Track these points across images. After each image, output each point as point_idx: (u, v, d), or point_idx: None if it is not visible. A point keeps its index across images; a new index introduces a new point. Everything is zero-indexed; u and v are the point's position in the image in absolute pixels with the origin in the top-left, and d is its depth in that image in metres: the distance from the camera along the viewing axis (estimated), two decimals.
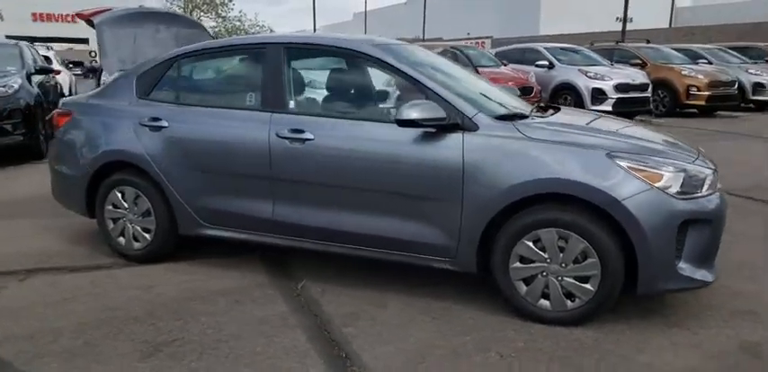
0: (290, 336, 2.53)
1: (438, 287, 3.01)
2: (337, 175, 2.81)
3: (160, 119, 3.17)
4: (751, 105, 12.31)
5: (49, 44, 15.53)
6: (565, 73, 10.42)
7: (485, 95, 2.95)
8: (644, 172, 2.43)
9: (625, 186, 2.40)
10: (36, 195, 5.03)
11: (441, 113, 2.56)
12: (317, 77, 3.14)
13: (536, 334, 2.53)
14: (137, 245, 3.37)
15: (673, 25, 38.54)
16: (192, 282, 3.13)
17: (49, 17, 37.50)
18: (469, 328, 2.59)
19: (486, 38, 32.42)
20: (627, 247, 2.44)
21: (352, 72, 3.15)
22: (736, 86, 11.34)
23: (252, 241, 3.15)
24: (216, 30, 26.92)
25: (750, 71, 12.09)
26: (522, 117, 2.76)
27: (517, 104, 3.11)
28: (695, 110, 11.40)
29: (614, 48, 12.82)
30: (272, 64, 2.98)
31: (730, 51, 13.41)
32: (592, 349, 2.41)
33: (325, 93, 3.11)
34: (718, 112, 11.78)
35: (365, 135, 2.77)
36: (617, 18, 47.85)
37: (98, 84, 3.84)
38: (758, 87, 11.90)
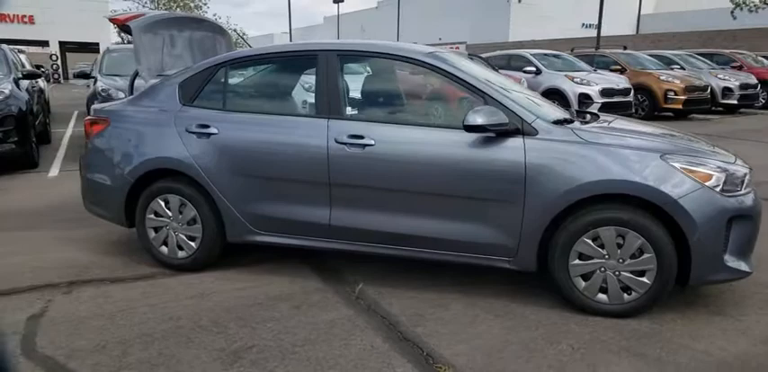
0: (365, 338, 2.59)
1: (492, 285, 3.11)
2: (398, 180, 2.89)
3: (209, 127, 3.18)
4: (720, 108, 12.91)
5: (18, 47, 15.02)
6: (552, 78, 10.69)
7: (531, 101, 3.08)
8: (695, 172, 2.59)
9: (680, 186, 2.56)
10: (43, 206, 4.95)
11: (504, 119, 2.68)
12: (370, 84, 3.21)
13: (597, 327, 2.66)
14: (181, 254, 3.36)
15: (633, 32, 39.95)
16: (245, 289, 3.15)
17: (2, 18, 35.62)
18: (534, 324, 2.70)
19: (461, 43, 32.94)
20: (679, 242, 2.60)
21: (418, 83, 3.24)
22: (709, 91, 11.89)
23: (306, 246, 3.19)
24: None
25: (719, 76, 12.68)
26: (571, 122, 2.90)
27: (558, 109, 3.26)
28: (671, 114, 11.90)
29: (594, 54, 13.27)
30: (326, 71, 3.05)
31: (699, 57, 14.05)
32: (652, 339, 2.55)
33: (381, 99, 3.18)
34: (693, 115, 12.32)
35: (425, 140, 2.86)
36: (583, 24, 49.51)
37: (131, 91, 3.82)
38: (727, 91, 12.50)
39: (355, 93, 3.19)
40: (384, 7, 54.54)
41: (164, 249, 3.39)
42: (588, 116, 3.31)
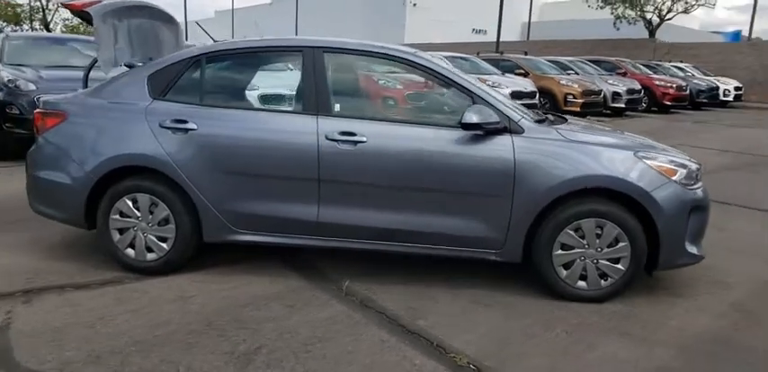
0: (370, 333, 2.61)
1: (473, 277, 3.24)
2: (389, 176, 2.92)
3: (186, 122, 3.00)
4: (608, 111, 14.25)
5: None
6: None
7: (510, 102, 3.25)
8: (662, 167, 2.90)
9: (652, 180, 2.85)
10: None
11: (495, 118, 2.82)
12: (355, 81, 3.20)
13: (581, 311, 2.89)
14: (150, 256, 3.15)
15: (521, 38, 42.66)
16: (227, 290, 3.02)
17: None
18: (523, 312, 2.87)
19: None
20: (648, 231, 2.90)
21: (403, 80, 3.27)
22: (602, 95, 13.08)
23: (291, 244, 3.13)
24: (72, 23, 24.27)
25: (609, 82, 13.99)
26: (552, 121, 3.11)
27: (529, 110, 3.46)
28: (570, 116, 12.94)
29: (499, 59, 14.03)
30: (312, 67, 3.00)
31: (589, 64, 15.38)
32: (631, 320, 2.82)
33: (368, 97, 3.18)
34: (588, 117, 13.48)
35: (417, 137, 2.92)
36: (473, 30, 52.01)
37: (86, 81, 3.48)
38: (616, 96, 13.81)
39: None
40: (278, 3, 53.57)
41: (130, 251, 3.16)
42: (553, 117, 3.56)
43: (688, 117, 14.91)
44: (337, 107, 3.01)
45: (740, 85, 18.17)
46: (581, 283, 2.97)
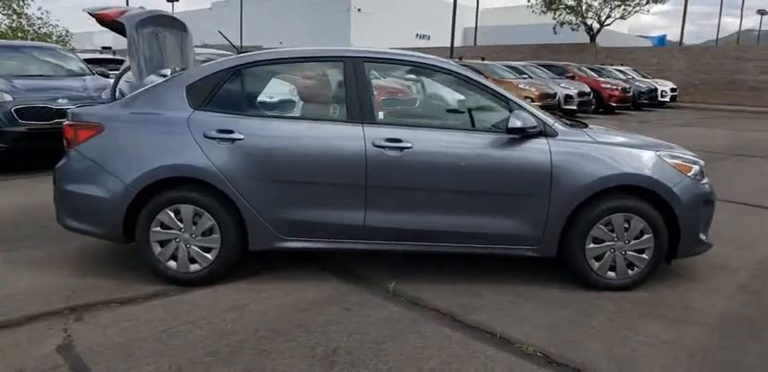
0: (433, 330, 2.73)
1: (507, 274, 3.43)
2: (434, 179, 3.06)
3: (232, 132, 3.03)
4: (561, 113, 14.94)
5: None
6: None
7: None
8: (679, 165, 3.19)
9: (672, 176, 3.13)
10: None
11: (534, 122, 3.02)
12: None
13: (614, 299, 3.12)
14: (193, 267, 3.15)
15: (464, 43, 43.78)
16: (278, 297, 3.07)
17: None
18: (563, 303, 3.07)
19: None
20: (668, 223, 3.18)
21: (442, 89, 3.41)
22: (557, 98, 13.71)
23: (337, 249, 3.21)
24: (13, 25, 22.99)
25: (561, 85, 14.68)
26: (584, 125, 3.35)
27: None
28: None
29: (460, 64, 14.35)
30: (355, 77, 3.10)
31: (541, 68, 16.07)
32: (659, 305, 3.08)
33: (408, 104, 3.31)
34: None
35: (459, 142, 3.08)
36: (417, 35, 52.90)
37: (114, 92, 3.41)
38: (568, 98, 14.51)
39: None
40: (218, 8, 52.65)
41: (172, 264, 3.14)
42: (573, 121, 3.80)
43: (632, 117, 15.86)
44: (380, 115, 3.13)
45: (675, 87, 19.48)
46: (611, 273, 3.21)
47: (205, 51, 9.89)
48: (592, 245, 3.16)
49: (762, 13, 42.31)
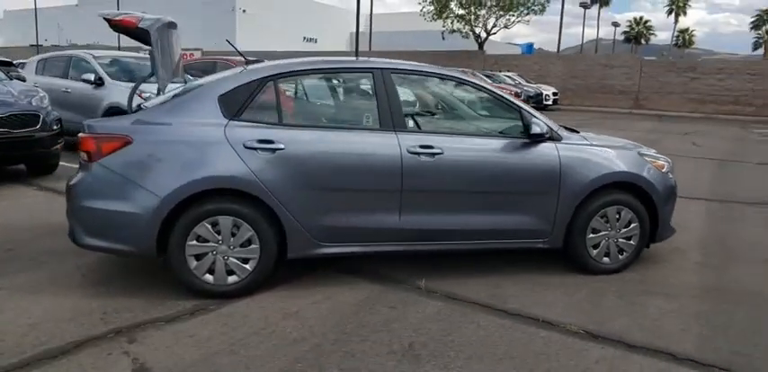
0: (485, 319, 2.98)
1: (511, 266, 3.77)
2: (463, 182, 3.32)
3: (273, 142, 3.05)
4: None
5: None
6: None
7: None
8: (655, 163, 3.75)
9: (653, 173, 3.67)
10: None
11: (546, 128, 3.39)
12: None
13: (611, 281, 3.58)
14: (231, 279, 3.12)
15: (350, 48, 44.39)
16: (322, 302, 3.14)
17: None
18: (575, 288, 3.47)
19: (195, 49, 31.66)
20: (650, 213, 3.71)
21: (459, 97, 3.64)
22: None
23: (373, 252, 3.34)
24: None
25: None
26: (576, 130, 3.78)
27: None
28: None
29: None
30: (384, 87, 3.26)
31: None
32: (649, 283, 3.58)
33: (433, 113, 3.51)
34: None
35: (484, 147, 3.37)
36: (304, 38, 52.68)
37: (131, 101, 3.22)
38: None
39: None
40: (87, 5, 48.56)
41: (208, 277, 3.08)
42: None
43: None
44: (410, 123, 3.32)
45: (557, 91, 21.50)
46: (605, 259, 3.68)
47: (110, 53, 9.22)
48: (591, 235, 3.61)
49: (615, 25, 47.99)
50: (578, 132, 3.79)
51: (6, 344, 2.58)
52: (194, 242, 3.03)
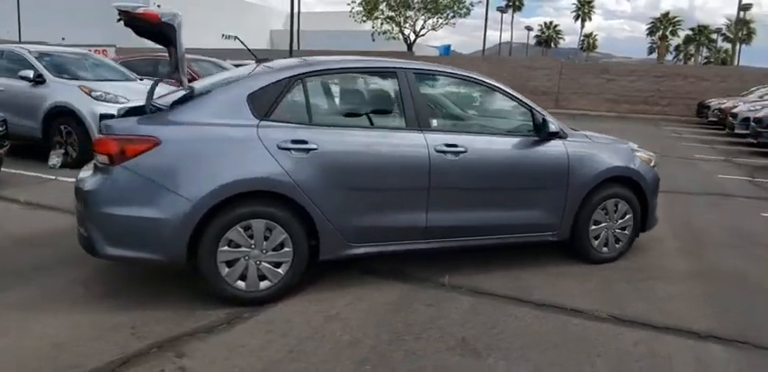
0: (519, 311, 3.10)
1: (521, 259, 3.91)
2: (485, 179, 3.43)
3: (306, 142, 2.98)
4: None
5: None
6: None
7: None
8: (644, 157, 4.04)
9: (644, 167, 3.96)
10: None
11: (558, 127, 3.57)
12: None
13: (612, 269, 3.83)
14: (263, 285, 3.02)
15: (270, 46, 43.45)
16: (356, 303, 3.13)
17: None
18: (583, 277, 3.66)
19: (108, 46, 29.76)
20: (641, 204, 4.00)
21: (475, 97, 3.71)
22: None
23: (401, 251, 3.35)
24: None
25: None
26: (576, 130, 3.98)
27: None
28: None
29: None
30: (409, 87, 3.28)
31: None
32: (646, 269, 3.86)
33: (454, 112, 3.56)
34: None
35: (503, 145, 3.49)
36: (223, 35, 50.91)
37: (151, 97, 3.00)
38: None
39: (437, 108, 3.51)
40: None
41: (240, 284, 2.97)
42: None
43: None
44: (434, 122, 3.37)
45: None
46: (604, 249, 3.93)
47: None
48: (593, 227, 3.83)
49: (529, 29, 50.53)
50: (577, 130, 4.01)
51: (42, 369, 2.36)
52: (226, 247, 2.91)
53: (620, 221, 3.92)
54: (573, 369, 2.51)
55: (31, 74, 7.03)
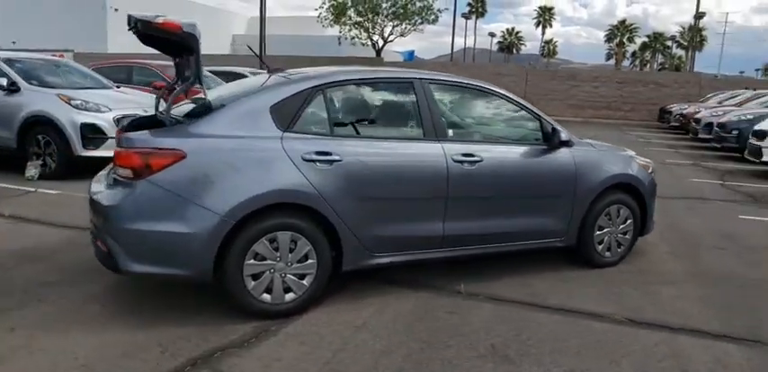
0: (541, 317, 3.17)
1: (527, 265, 4.00)
2: (500, 188, 3.52)
3: (330, 154, 2.99)
4: None
5: None
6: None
7: None
8: (642, 164, 4.21)
9: (643, 174, 4.12)
10: None
11: (568, 135, 3.68)
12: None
13: (614, 273, 3.96)
14: (288, 297, 3.01)
15: (231, 52, 42.82)
16: (379, 313, 3.15)
17: None
18: (588, 282, 3.77)
19: (66, 51, 28.83)
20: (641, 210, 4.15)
21: (486, 106, 3.77)
22: None
23: (419, 260, 3.39)
24: None
25: None
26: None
27: None
28: None
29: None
30: (425, 97, 3.33)
31: None
32: (646, 273, 4.01)
33: (468, 122, 3.63)
34: None
35: (516, 154, 3.59)
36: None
37: (170, 108, 2.93)
38: None
39: (451, 118, 3.57)
40: None
41: (266, 297, 2.95)
42: None
43: None
44: (450, 132, 3.43)
45: None
46: (607, 253, 4.06)
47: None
48: (597, 232, 3.96)
49: (492, 35, 51.51)
50: (581, 139, 4.16)
51: None
52: (252, 260, 2.89)
53: (621, 226, 4.07)
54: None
55: (3, 81, 6.75)
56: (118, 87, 8.00)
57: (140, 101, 7.44)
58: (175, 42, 2.95)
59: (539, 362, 2.66)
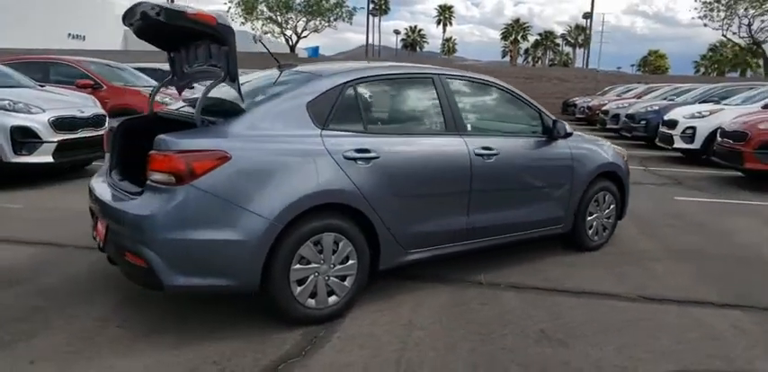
0: (567, 301, 3.33)
1: (533, 253, 4.17)
2: (514, 179, 3.66)
3: (369, 151, 2.92)
4: None
5: None
6: None
7: None
8: (620, 153, 4.53)
9: (621, 161, 4.44)
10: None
11: (570, 128, 3.88)
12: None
13: (604, 256, 4.25)
14: (332, 300, 2.93)
15: (125, 46, 40.15)
16: (419, 309, 3.15)
17: None
18: (589, 265, 4.02)
19: None
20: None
21: (494, 100, 3.84)
22: None
23: (446, 254, 3.42)
24: None
25: None
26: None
27: None
28: None
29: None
30: (444, 92, 3.36)
31: None
32: (632, 252, 4.34)
33: (479, 116, 3.68)
34: None
35: (526, 146, 3.74)
36: (69, 35, 45.79)
37: (202, 105, 2.67)
38: None
39: (467, 112, 3.60)
40: None
41: (311, 302, 2.84)
42: None
43: None
44: (469, 126, 3.48)
45: None
46: (596, 237, 4.34)
47: None
48: (589, 218, 4.22)
49: (397, 32, 52.31)
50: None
51: None
52: (298, 265, 2.77)
53: (606, 211, 4.37)
54: (651, 346, 2.79)
55: None
56: (42, 86, 7.22)
57: (74, 101, 6.82)
58: (208, 35, 2.73)
59: (591, 343, 2.80)
